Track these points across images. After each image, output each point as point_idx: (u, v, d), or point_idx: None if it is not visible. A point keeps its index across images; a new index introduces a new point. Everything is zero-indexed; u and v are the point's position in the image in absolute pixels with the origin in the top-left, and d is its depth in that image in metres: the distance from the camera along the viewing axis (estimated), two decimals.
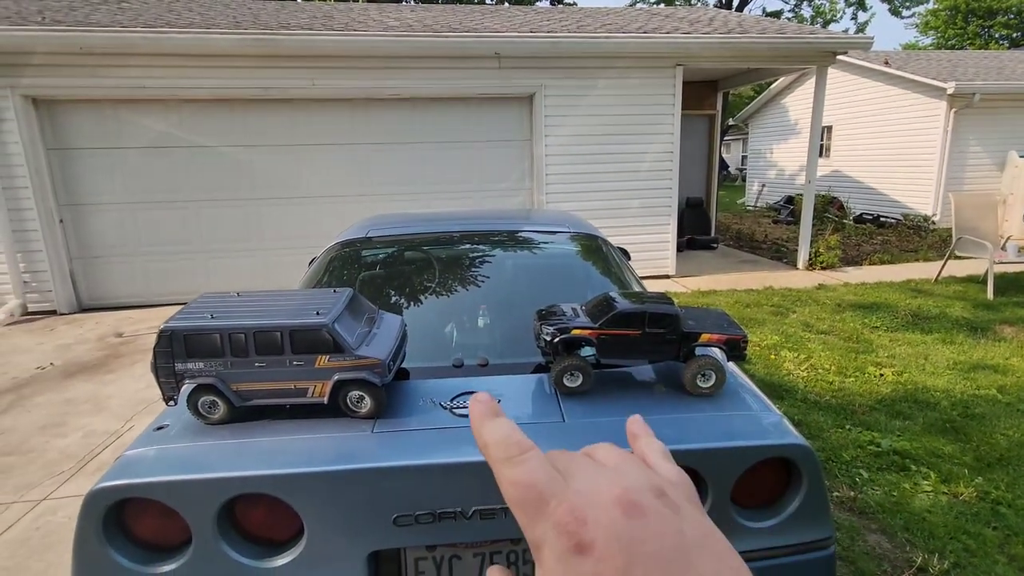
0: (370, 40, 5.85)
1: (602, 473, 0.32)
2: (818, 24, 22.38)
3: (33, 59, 5.44)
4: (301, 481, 1.14)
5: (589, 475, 0.31)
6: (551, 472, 0.31)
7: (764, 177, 15.68)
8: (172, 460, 1.20)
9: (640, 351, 1.41)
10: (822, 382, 3.86)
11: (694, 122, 8.74)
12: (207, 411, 1.29)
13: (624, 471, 0.32)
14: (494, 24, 6.78)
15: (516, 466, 0.31)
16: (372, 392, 1.29)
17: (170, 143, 6.04)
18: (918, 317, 5.28)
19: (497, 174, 6.80)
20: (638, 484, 0.31)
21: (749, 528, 1.26)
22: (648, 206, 6.98)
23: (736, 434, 1.27)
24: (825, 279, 6.87)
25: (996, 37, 25.74)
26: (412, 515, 1.16)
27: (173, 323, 1.27)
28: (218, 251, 6.38)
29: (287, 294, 1.47)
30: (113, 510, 1.14)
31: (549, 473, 0.31)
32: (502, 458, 0.32)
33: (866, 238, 9.55)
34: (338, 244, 2.34)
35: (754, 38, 6.55)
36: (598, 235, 2.46)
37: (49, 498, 2.71)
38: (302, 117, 6.25)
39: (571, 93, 6.54)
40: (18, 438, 3.31)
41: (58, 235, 5.91)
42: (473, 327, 1.85)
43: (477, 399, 0.36)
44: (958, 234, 6.12)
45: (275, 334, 1.26)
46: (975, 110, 9.87)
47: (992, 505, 2.52)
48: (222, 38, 5.56)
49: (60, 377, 4.25)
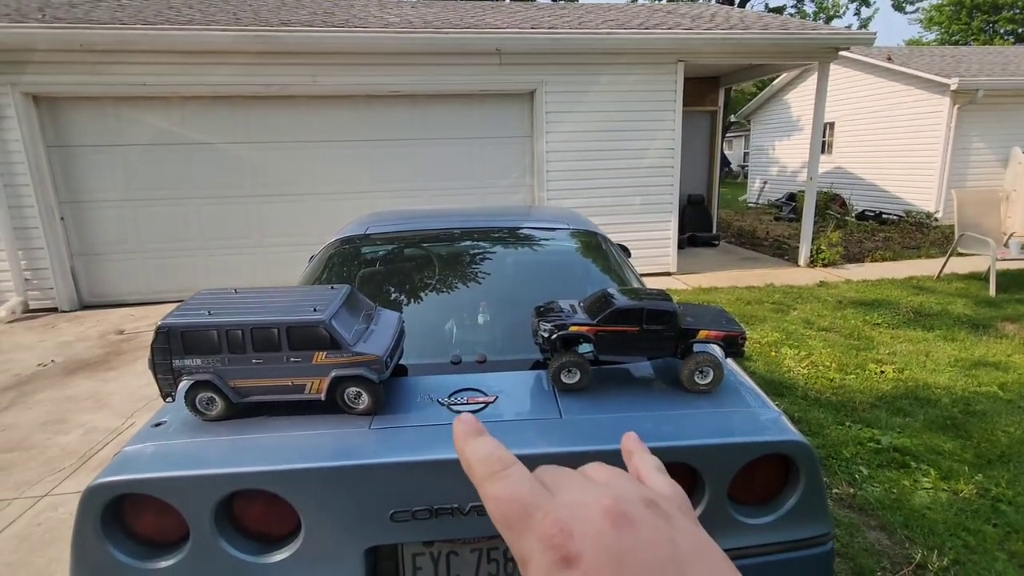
0: (371, 37, 5.84)
1: (590, 486, 0.31)
2: (821, 20, 22.29)
3: (34, 56, 5.44)
4: (298, 477, 1.14)
5: (576, 488, 0.31)
6: (535, 485, 0.31)
7: (766, 174, 15.64)
8: (170, 456, 1.20)
9: (638, 348, 1.41)
10: (822, 379, 3.85)
11: (696, 118, 8.71)
12: (205, 407, 1.29)
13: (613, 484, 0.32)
14: (495, 20, 6.76)
15: (498, 481, 0.31)
16: (370, 388, 1.29)
17: (171, 140, 6.04)
18: (920, 314, 5.27)
19: (498, 171, 6.79)
20: (627, 495, 0.30)
21: (747, 524, 1.26)
22: (649, 203, 6.97)
23: (734, 431, 1.26)
24: (826, 276, 6.85)
25: (1001, 32, 25.59)
26: (409, 511, 1.16)
27: (170, 320, 1.27)
28: (219, 248, 6.39)
29: (284, 290, 1.47)
30: (111, 506, 1.15)
31: (533, 486, 0.30)
32: (485, 475, 0.32)
33: (868, 235, 9.53)
34: (337, 241, 2.34)
35: (756, 34, 6.53)
36: (597, 232, 2.46)
37: (50, 494, 2.72)
38: (303, 114, 6.25)
39: (572, 89, 6.53)
40: (19, 435, 3.32)
41: (59, 232, 5.92)
42: (471, 324, 1.85)
43: (460, 419, 0.36)
44: (960, 231, 6.10)
45: (272, 330, 1.26)
46: (979, 106, 9.82)
47: (992, 502, 2.51)
48: (222, 35, 5.55)
49: (61, 374, 4.26)
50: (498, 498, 0.30)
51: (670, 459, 1.19)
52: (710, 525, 1.24)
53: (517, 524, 0.29)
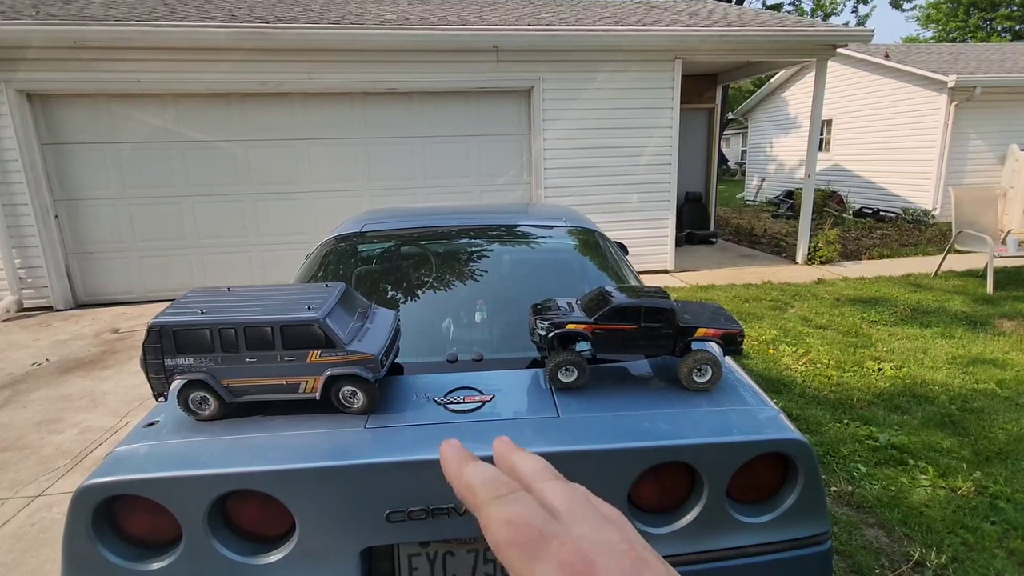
0: (367, 34, 5.81)
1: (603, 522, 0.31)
2: (818, 17, 22.28)
3: (27, 53, 5.40)
4: (293, 477, 1.13)
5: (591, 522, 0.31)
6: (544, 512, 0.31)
7: (763, 171, 15.64)
8: (162, 456, 1.19)
9: (636, 346, 1.40)
10: (820, 377, 3.85)
11: (693, 116, 8.70)
12: (198, 407, 1.27)
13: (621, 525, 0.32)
14: (492, 17, 6.73)
15: (510, 505, 0.31)
16: (365, 387, 1.27)
17: (166, 138, 6.01)
18: (917, 311, 5.27)
19: (495, 168, 6.77)
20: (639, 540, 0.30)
21: (745, 524, 1.25)
22: (647, 200, 6.95)
23: (732, 429, 1.25)
24: (824, 274, 6.86)
25: (998, 30, 25.63)
26: (405, 511, 1.15)
27: (162, 318, 1.25)
28: (215, 246, 6.36)
29: (278, 289, 1.46)
30: (102, 507, 1.13)
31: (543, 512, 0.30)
32: (491, 498, 0.31)
33: (865, 232, 9.53)
34: (333, 239, 2.33)
35: (754, 31, 6.51)
36: (595, 229, 2.44)
37: (44, 494, 2.70)
38: (299, 111, 6.22)
39: (570, 87, 6.51)
40: (14, 434, 3.30)
41: (53, 231, 5.89)
42: (468, 322, 1.84)
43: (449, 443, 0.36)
44: (958, 228, 6.10)
45: (266, 329, 1.24)
46: (976, 103, 9.83)
47: (990, 499, 2.51)
48: (217, 32, 5.52)
49: (56, 373, 4.23)
50: (511, 521, 0.30)
51: (668, 458, 1.18)
52: (709, 524, 1.23)
53: (531, 548, 0.29)
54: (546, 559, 0.28)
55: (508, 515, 0.30)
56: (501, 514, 0.30)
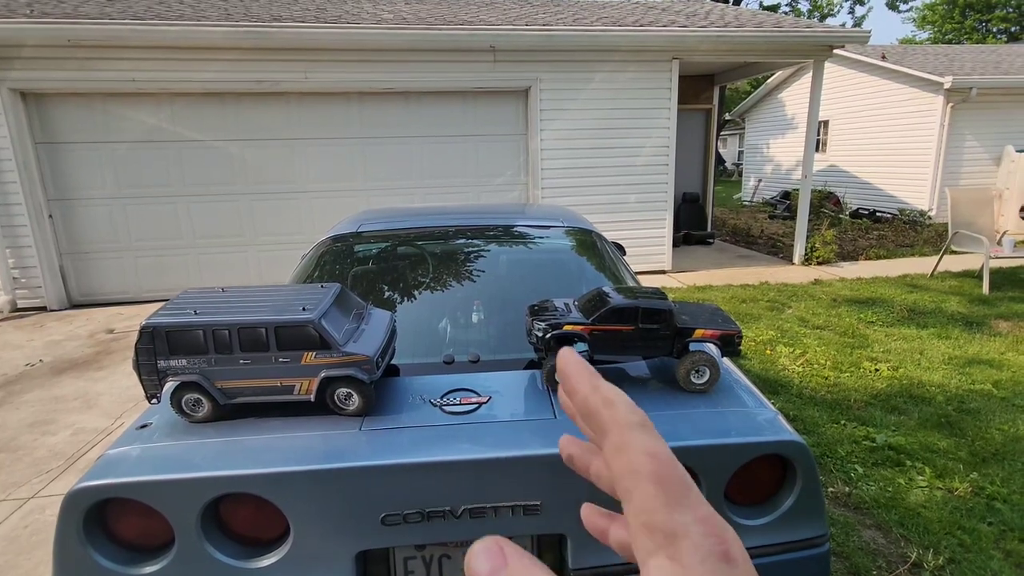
0: (363, 33, 5.79)
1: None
2: (815, 18, 22.35)
3: (21, 52, 5.37)
4: (287, 480, 1.12)
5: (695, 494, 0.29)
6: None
7: (761, 172, 15.67)
8: (154, 459, 1.17)
9: (633, 347, 1.39)
10: (817, 377, 3.85)
11: (690, 117, 8.71)
12: (191, 409, 1.26)
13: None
14: (489, 17, 6.72)
15: (656, 437, 0.28)
16: (360, 389, 1.26)
17: (161, 137, 5.98)
18: (914, 312, 5.28)
19: (492, 168, 6.76)
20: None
21: (743, 526, 1.24)
22: (644, 201, 6.95)
23: (731, 431, 1.25)
24: (821, 274, 6.87)
25: (994, 31, 25.74)
26: (401, 514, 1.14)
27: (155, 319, 1.24)
28: (210, 246, 6.33)
29: (273, 290, 1.44)
30: (94, 510, 1.12)
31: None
32: (635, 423, 0.29)
33: (862, 233, 9.55)
34: (329, 239, 2.31)
35: (751, 31, 6.52)
36: (592, 230, 2.44)
37: (37, 496, 2.68)
38: (295, 111, 6.20)
39: (567, 87, 6.50)
40: (7, 435, 3.27)
41: (47, 230, 5.85)
42: (465, 323, 1.82)
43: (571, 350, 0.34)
44: (954, 229, 6.12)
45: (260, 330, 1.23)
46: (972, 104, 9.86)
47: (987, 500, 2.51)
48: (213, 31, 5.50)
49: (50, 374, 4.21)
50: (657, 455, 0.28)
51: None
52: None
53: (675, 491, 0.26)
54: (687, 511, 0.26)
55: (655, 447, 0.28)
56: (647, 443, 0.28)
